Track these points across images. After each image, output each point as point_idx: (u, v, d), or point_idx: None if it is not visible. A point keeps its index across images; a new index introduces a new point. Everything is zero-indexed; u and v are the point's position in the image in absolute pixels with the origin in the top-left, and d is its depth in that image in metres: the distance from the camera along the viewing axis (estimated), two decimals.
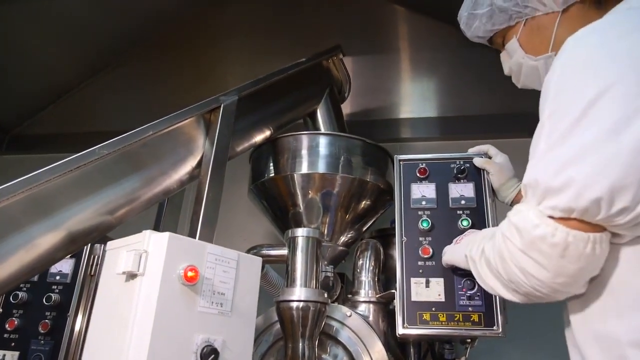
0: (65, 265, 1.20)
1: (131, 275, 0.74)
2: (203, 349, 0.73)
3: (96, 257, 1.22)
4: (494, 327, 1.01)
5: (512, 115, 1.70)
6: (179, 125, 1.03)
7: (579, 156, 0.59)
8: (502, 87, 1.20)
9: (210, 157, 1.03)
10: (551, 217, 0.62)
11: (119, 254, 0.78)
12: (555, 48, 0.87)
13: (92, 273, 1.21)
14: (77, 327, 1.16)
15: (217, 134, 1.05)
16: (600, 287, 0.66)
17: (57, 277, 1.20)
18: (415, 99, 1.87)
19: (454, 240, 1.02)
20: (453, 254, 0.99)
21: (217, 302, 0.77)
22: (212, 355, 0.72)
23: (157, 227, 1.21)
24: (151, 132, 0.96)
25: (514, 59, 0.95)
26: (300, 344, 1.08)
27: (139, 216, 1.03)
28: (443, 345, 1.19)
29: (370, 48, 1.82)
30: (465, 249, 0.88)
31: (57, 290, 1.19)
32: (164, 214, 1.22)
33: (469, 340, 1.08)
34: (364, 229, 1.36)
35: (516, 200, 1.12)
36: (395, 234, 1.37)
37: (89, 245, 1.21)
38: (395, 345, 1.23)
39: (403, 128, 1.93)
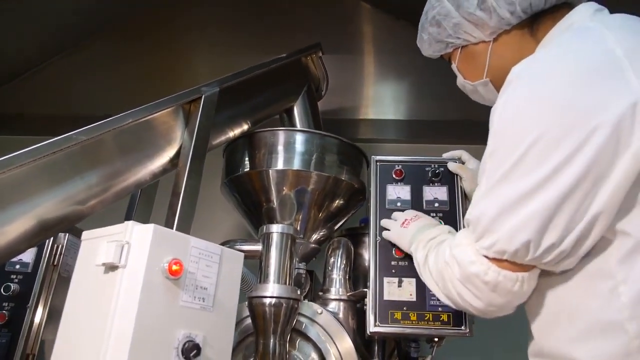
0: (26, 254, 1.14)
1: (111, 267, 0.72)
2: (185, 344, 0.71)
3: (60, 246, 1.17)
4: (462, 327, 1.04)
5: (482, 123, 1.76)
6: (158, 114, 1.00)
7: (513, 203, 0.66)
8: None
9: (190, 149, 1.01)
10: (485, 256, 0.70)
11: (97, 244, 0.75)
12: (489, 74, 0.94)
13: (55, 263, 1.16)
14: (36, 319, 1.11)
15: (197, 125, 1.03)
16: (557, 311, 0.71)
17: (17, 266, 1.14)
18: (385, 101, 1.90)
19: (400, 220, 1.06)
20: (400, 237, 1.04)
21: (199, 297, 0.76)
22: (194, 351, 0.71)
23: (128, 219, 1.18)
24: (130, 120, 0.94)
25: (458, 80, 1.03)
26: (272, 340, 1.07)
27: (110, 207, 1.01)
28: (409, 344, 1.21)
29: (342, 47, 1.82)
30: (411, 245, 0.97)
31: (16, 280, 1.13)
32: (136, 206, 1.18)
33: (436, 340, 1.11)
34: (336, 227, 1.37)
35: None
36: (365, 234, 1.40)
37: None
38: (361, 343, 1.25)
39: (372, 129, 1.96)
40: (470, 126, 1.92)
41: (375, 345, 1.24)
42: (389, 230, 1.09)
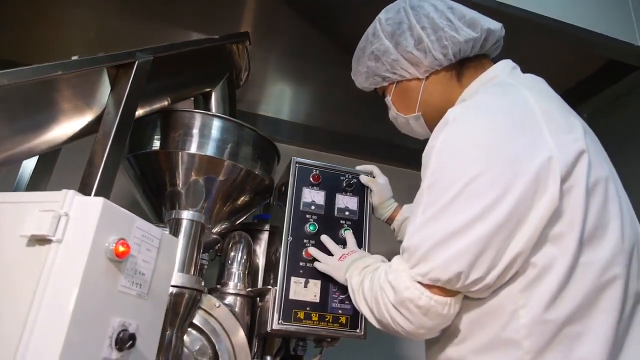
0: None
1: (40, 240, 0.62)
2: (119, 333, 0.65)
3: None
4: (357, 330, 1.12)
5: (388, 143, 1.90)
6: (86, 71, 0.89)
7: (449, 236, 0.74)
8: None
9: (115, 117, 0.91)
10: (419, 282, 0.76)
11: (21, 211, 0.64)
12: (421, 109, 1.03)
13: None
14: None
15: (126, 91, 0.93)
16: (467, 327, 0.80)
17: None
18: (288, 102, 1.93)
19: (337, 255, 1.10)
20: (336, 269, 1.07)
21: (137, 283, 0.69)
22: (131, 342, 0.65)
23: (19, 187, 1.00)
24: (60, 72, 0.81)
25: (390, 113, 1.11)
26: (169, 332, 1.02)
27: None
28: (298, 343, 1.25)
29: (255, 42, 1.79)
30: (347, 273, 1.01)
31: None
32: (32, 173, 1.01)
33: (329, 340, 1.17)
34: (238, 222, 1.35)
35: (391, 218, 1.27)
36: (260, 230, 1.41)
37: None
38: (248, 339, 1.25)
39: (268, 126, 1.97)
40: (356, 141, 2.06)
41: (256, 341, 1.25)
42: (320, 261, 1.11)
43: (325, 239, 1.15)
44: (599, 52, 1.43)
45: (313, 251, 1.13)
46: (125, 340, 0.64)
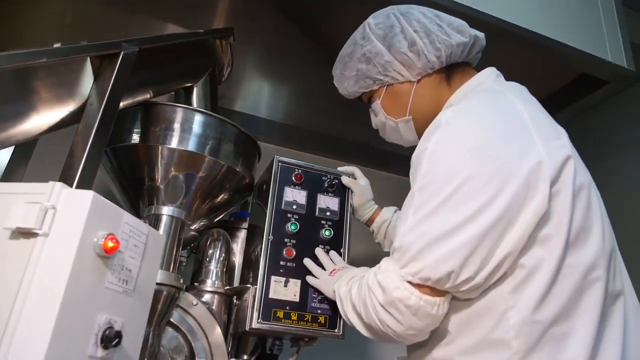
0: None
1: (25, 234, 0.60)
2: (105, 330, 0.63)
3: None
4: (335, 330, 1.13)
5: (365, 145, 1.91)
6: (70, 60, 0.86)
7: (440, 236, 0.75)
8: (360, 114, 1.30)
9: (99, 108, 0.89)
10: (409, 282, 0.77)
11: (5, 202, 0.62)
12: (412, 113, 1.04)
13: None
14: None
15: (111, 82, 0.91)
16: (456, 328, 0.82)
17: None
18: (267, 100, 1.92)
19: (329, 269, 1.10)
20: (326, 284, 1.08)
21: (123, 279, 0.68)
22: (117, 339, 0.63)
23: None
24: (45, 59, 0.79)
25: (378, 118, 1.10)
26: (146, 330, 0.99)
27: None
28: (274, 342, 1.25)
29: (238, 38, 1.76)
30: (335, 284, 1.01)
31: None
32: (7, 163, 0.97)
33: (306, 339, 1.17)
34: (217, 219, 1.33)
35: (370, 220, 1.28)
36: (237, 228, 1.39)
37: None
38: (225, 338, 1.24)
39: (242, 122, 1.94)
40: (334, 142, 2.07)
41: (231, 340, 1.24)
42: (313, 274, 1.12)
43: (318, 252, 1.15)
44: (573, 65, 1.48)
45: (308, 263, 1.12)
46: (111, 338, 0.63)
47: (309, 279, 1.11)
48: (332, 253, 1.16)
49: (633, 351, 0.77)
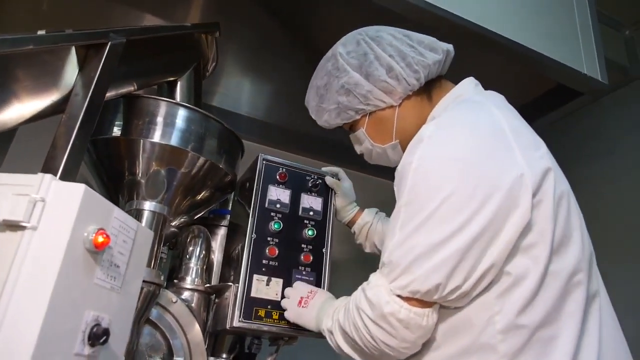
0: None
1: (12, 226, 0.58)
2: (93, 328, 0.61)
3: None
4: None
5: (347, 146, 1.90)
6: (55, 47, 0.83)
7: (428, 250, 0.76)
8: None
9: (84, 99, 0.86)
10: (398, 295, 0.79)
11: None
12: (397, 136, 1.04)
13: None
14: None
15: (97, 73, 0.88)
16: (444, 334, 0.83)
17: None
18: (247, 96, 1.90)
19: (294, 299, 1.08)
20: (301, 317, 1.05)
21: (111, 276, 0.66)
22: (104, 337, 0.62)
23: None
24: (32, 46, 0.76)
25: (364, 145, 1.10)
26: None
27: None
28: (253, 341, 1.24)
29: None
30: (321, 324, 0.99)
31: None
32: None
33: (286, 338, 1.17)
34: (197, 216, 1.31)
35: (352, 221, 1.29)
36: (216, 225, 1.38)
37: None
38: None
39: (223, 118, 1.92)
40: (316, 142, 2.06)
41: (209, 339, 1.23)
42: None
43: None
44: (551, 76, 1.53)
45: (285, 302, 1.10)
46: (99, 336, 0.61)
47: (286, 314, 1.09)
48: (297, 283, 1.13)
49: (605, 344, 0.80)
